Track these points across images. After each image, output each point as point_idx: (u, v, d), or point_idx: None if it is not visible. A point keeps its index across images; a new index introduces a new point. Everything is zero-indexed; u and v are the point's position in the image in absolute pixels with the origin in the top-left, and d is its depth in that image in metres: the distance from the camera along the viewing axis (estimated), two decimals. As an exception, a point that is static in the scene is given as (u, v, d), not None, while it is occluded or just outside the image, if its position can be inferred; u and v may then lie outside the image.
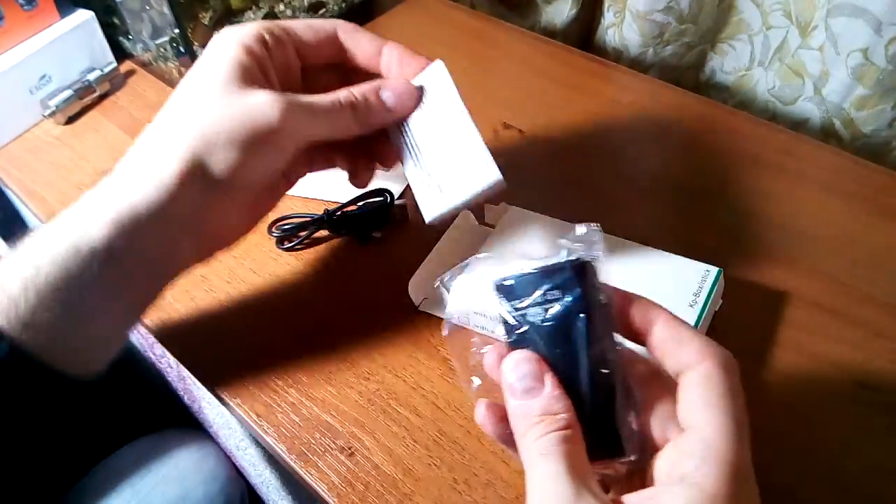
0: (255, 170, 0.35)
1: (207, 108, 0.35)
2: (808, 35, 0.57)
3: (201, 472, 0.65)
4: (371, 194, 0.49)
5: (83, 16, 0.63)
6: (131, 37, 0.65)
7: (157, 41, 0.61)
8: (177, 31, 0.57)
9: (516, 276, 0.28)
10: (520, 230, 0.45)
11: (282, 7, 0.63)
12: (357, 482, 0.37)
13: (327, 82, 0.40)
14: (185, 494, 0.63)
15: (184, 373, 0.69)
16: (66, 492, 0.62)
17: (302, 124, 0.36)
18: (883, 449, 0.37)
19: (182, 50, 0.58)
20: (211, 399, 0.56)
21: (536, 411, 0.26)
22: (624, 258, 0.42)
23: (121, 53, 0.67)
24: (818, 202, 0.50)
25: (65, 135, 0.61)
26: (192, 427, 0.73)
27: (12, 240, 0.84)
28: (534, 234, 0.45)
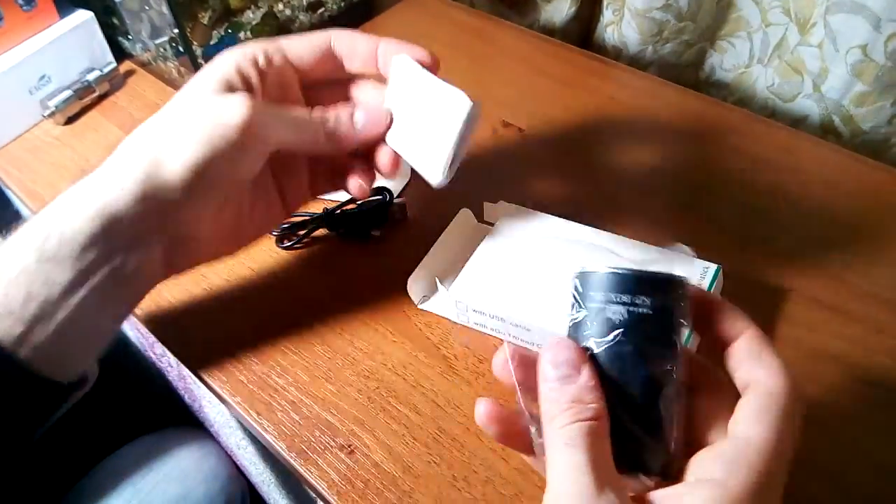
0: (216, 169, 0.34)
1: (177, 111, 0.35)
2: (807, 32, 0.57)
3: (202, 471, 0.65)
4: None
5: (82, 16, 0.63)
6: (131, 37, 0.65)
7: (157, 41, 0.61)
8: (176, 30, 0.57)
9: (607, 272, 0.26)
10: (519, 228, 0.45)
11: (280, 6, 0.63)
12: (357, 480, 0.37)
13: (330, 100, 0.40)
14: (186, 493, 0.63)
15: (184, 372, 0.69)
16: (66, 491, 0.62)
17: (269, 128, 0.36)
18: (883, 446, 0.37)
19: (181, 50, 0.58)
20: (211, 398, 0.56)
21: (567, 397, 0.26)
22: (623, 255, 0.42)
23: (120, 53, 0.67)
24: (817, 199, 0.50)
25: (64, 135, 0.62)
26: (193, 426, 0.74)
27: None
28: (533, 231, 0.45)
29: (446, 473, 0.37)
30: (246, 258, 0.48)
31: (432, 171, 0.39)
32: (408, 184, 0.52)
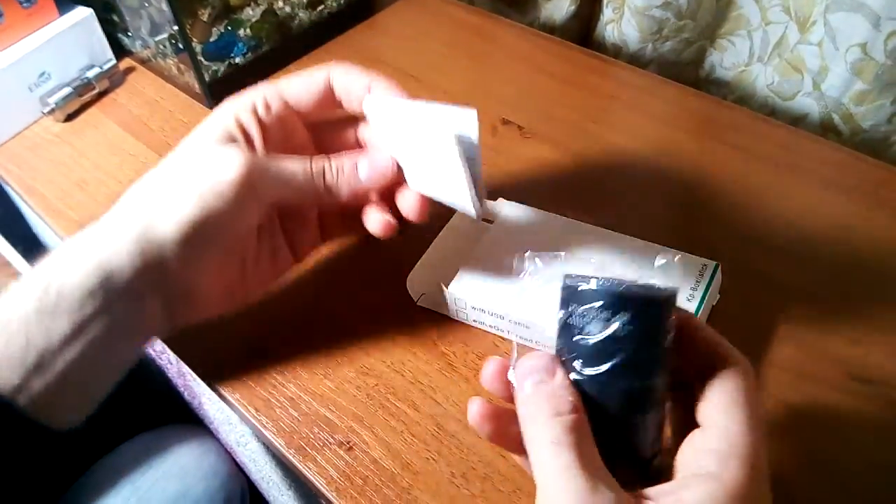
0: (211, 226, 0.33)
1: (174, 165, 0.35)
2: (806, 30, 0.57)
3: (201, 468, 0.65)
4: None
5: (82, 13, 0.63)
6: (130, 34, 0.65)
7: (157, 38, 0.61)
8: (176, 27, 0.57)
9: (593, 282, 0.26)
10: (518, 225, 0.45)
11: (280, 3, 0.63)
12: (356, 476, 0.37)
13: (339, 140, 0.39)
14: (186, 491, 0.63)
15: (183, 369, 0.70)
16: (65, 489, 0.62)
17: (265, 183, 0.35)
18: (880, 443, 0.37)
19: (181, 47, 0.58)
20: (211, 395, 0.56)
21: (544, 396, 0.26)
22: (622, 253, 0.42)
23: (120, 50, 0.67)
24: (817, 196, 0.50)
25: (64, 132, 0.62)
26: (192, 423, 0.74)
27: (12, 237, 0.84)
28: (532, 229, 0.45)
29: (444, 470, 0.37)
30: (245, 255, 0.48)
31: (464, 208, 0.38)
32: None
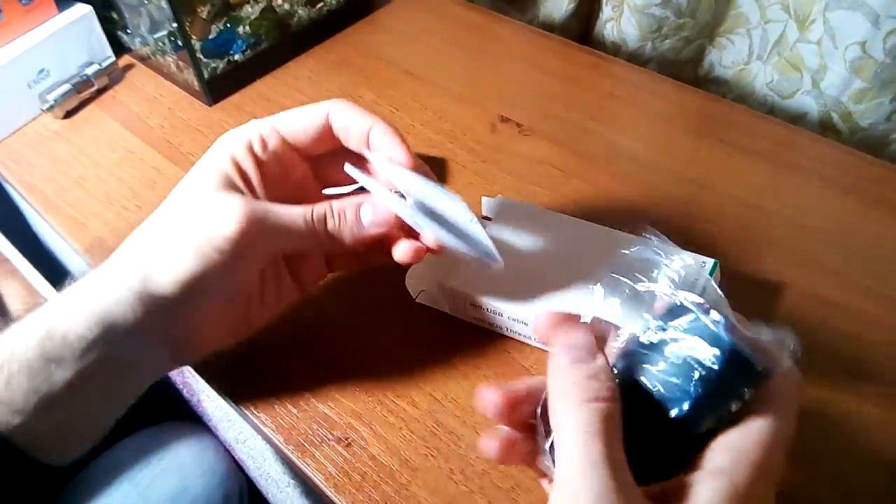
0: (213, 280, 0.33)
1: (172, 217, 0.34)
2: (806, 29, 0.57)
3: (200, 465, 0.65)
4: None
5: (81, 10, 0.63)
6: (129, 31, 0.65)
7: (156, 35, 0.61)
8: (175, 25, 0.57)
9: (714, 314, 0.25)
10: (517, 223, 0.45)
11: (279, 0, 0.63)
12: (354, 472, 0.37)
13: (340, 174, 0.38)
14: (185, 487, 0.63)
15: (183, 367, 0.70)
16: (64, 485, 0.62)
17: (265, 235, 0.34)
18: (878, 440, 0.37)
19: (180, 44, 0.58)
20: (209, 392, 0.56)
21: (584, 373, 0.25)
22: (619, 250, 0.42)
23: (119, 48, 0.67)
24: (815, 194, 0.50)
25: (63, 129, 0.62)
26: (191, 420, 0.74)
27: (11, 234, 0.84)
28: (531, 226, 0.45)
29: (443, 466, 0.37)
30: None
31: (486, 260, 0.37)
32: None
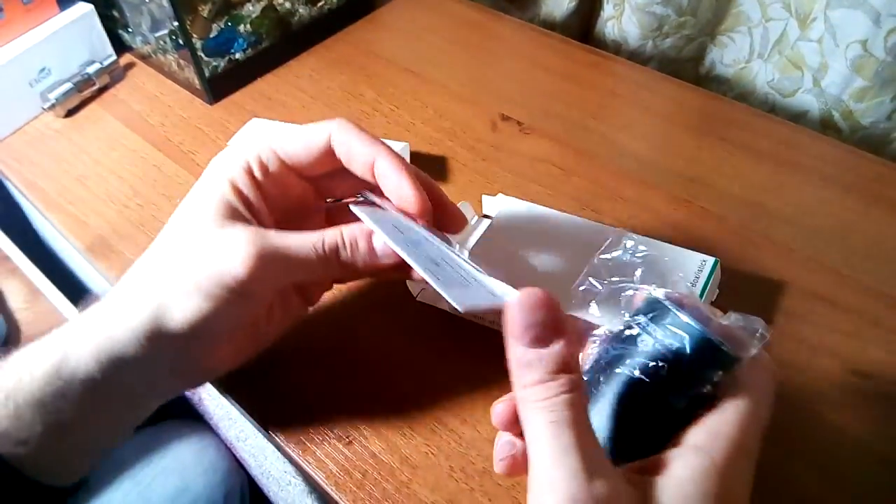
0: (224, 318, 0.33)
1: (180, 252, 0.33)
2: (807, 27, 0.57)
3: (201, 463, 0.65)
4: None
5: (82, 9, 0.63)
6: (131, 30, 0.65)
7: (157, 34, 0.61)
8: (176, 23, 0.57)
9: (682, 312, 0.27)
10: (517, 221, 0.45)
11: None
12: (355, 470, 0.37)
13: (345, 184, 0.37)
14: (186, 486, 0.63)
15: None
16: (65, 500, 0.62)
17: (276, 273, 0.33)
18: (877, 436, 0.37)
19: (181, 43, 0.58)
20: (211, 391, 0.56)
21: (548, 367, 0.25)
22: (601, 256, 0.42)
23: (120, 46, 0.67)
24: (815, 192, 0.50)
25: (65, 128, 0.62)
26: (192, 419, 0.74)
27: (12, 233, 0.84)
28: (532, 225, 0.45)
29: (444, 464, 0.37)
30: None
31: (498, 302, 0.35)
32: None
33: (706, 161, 0.53)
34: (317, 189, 0.38)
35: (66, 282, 0.81)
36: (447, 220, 0.37)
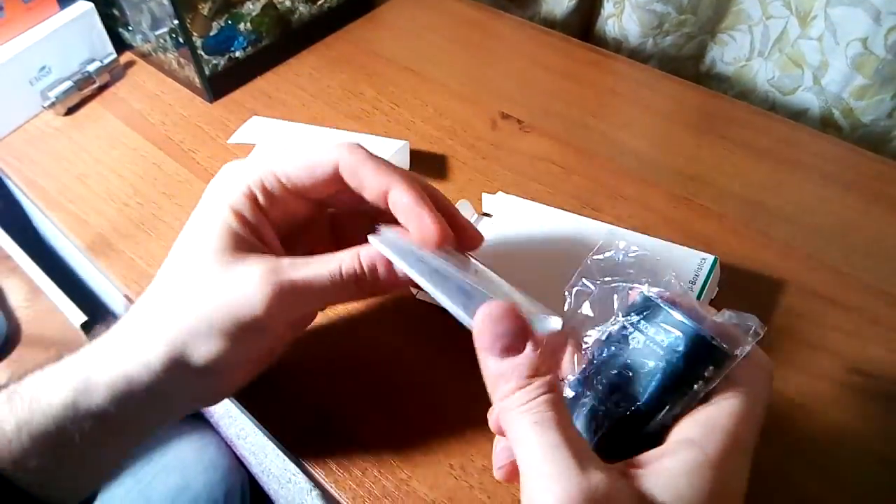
0: (242, 354, 0.33)
1: (195, 289, 0.33)
2: (807, 25, 0.57)
3: (202, 461, 0.65)
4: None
5: (83, 7, 0.63)
6: (131, 28, 0.65)
7: (157, 32, 0.61)
8: (176, 21, 0.57)
9: (670, 307, 0.27)
10: (517, 219, 0.46)
11: (281, -2, 0.63)
12: (354, 468, 0.37)
13: (349, 198, 0.36)
14: (186, 483, 0.63)
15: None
16: None
17: (294, 307, 0.33)
18: (876, 436, 0.37)
19: (181, 41, 0.58)
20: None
21: (521, 373, 0.25)
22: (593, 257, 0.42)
23: (120, 44, 0.67)
24: (816, 190, 0.50)
25: (65, 126, 0.62)
26: (193, 417, 0.74)
27: (13, 231, 0.84)
28: (531, 223, 0.45)
29: (443, 461, 0.37)
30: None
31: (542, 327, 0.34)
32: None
33: (706, 159, 0.53)
34: (320, 203, 0.37)
35: (67, 280, 0.81)
36: (465, 239, 0.36)
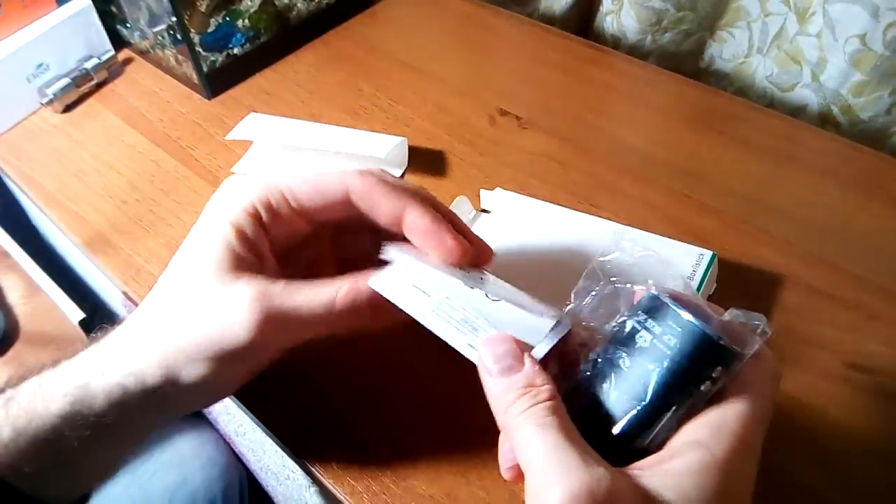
0: (233, 374, 0.33)
1: (186, 310, 0.32)
2: (806, 21, 0.57)
3: (200, 457, 0.65)
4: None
5: (80, 4, 0.63)
6: (129, 25, 0.65)
7: (155, 29, 0.61)
8: (174, 18, 0.57)
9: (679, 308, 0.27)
10: (515, 216, 0.46)
11: (279, -6, 0.63)
12: (353, 464, 0.37)
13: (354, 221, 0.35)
14: (185, 480, 0.63)
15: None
16: None
17: (281, 336, 0.32)
18: (874, 431, 0.37)
19: (179, 38, 0.58)
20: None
21: (520, 383, 0.26)
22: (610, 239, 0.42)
23: (118, 41, 0.67)
24: (813, 186, 0.50)
25: (63, 123, 0.62)
26: (192, 414, 0.74)
27: (11, 228, 0.83)
28: (530, 219, 0.45)
29: (443, 458, 0.37)
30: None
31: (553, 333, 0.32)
32: (405, 172, 0.53)
33: (705, 155, 0.53)
34: (324, 224, 0.36)
35: (65, 277, 0.81)
36: (477, 255, 0.35)
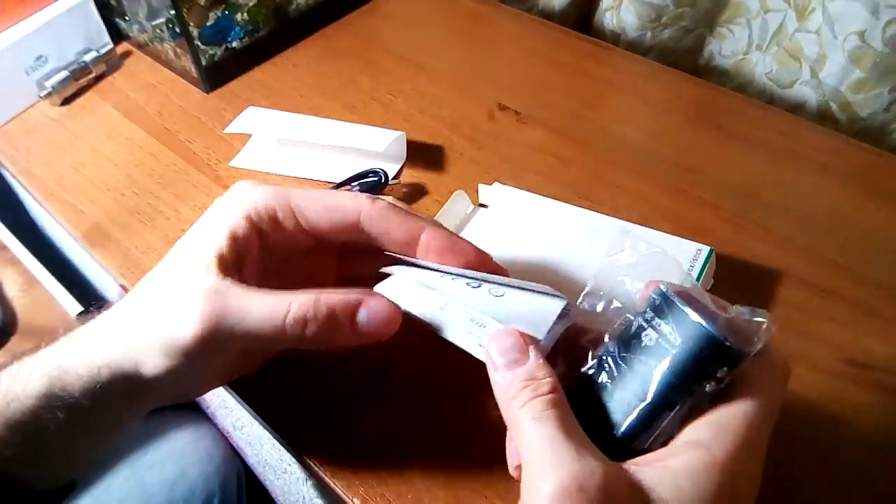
0: (191, 371, 0.32)
1: (157, 303, 0.32)
2: (805, 18, 0.57)
3: (198, 451, 0.65)
4: (365, 174, 0.49)
5: (79, -4, 0.63)
6: (127, 18, 0.65)
7: (154, 22, 0.61)
8: (173, 12, 0.57)
9: (686, 304, 0.26)
10: (514, 210, 0.46)
11: (278, -12, 0.63)
12: (351, 456, 0.37)
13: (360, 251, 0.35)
14: (182, 474, 0.63)
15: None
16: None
17: (228, 342, 0.31)
18: (873, 426, 0.37)
19: (178, 31, 0.58)
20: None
21: (522, 377, 0.26)
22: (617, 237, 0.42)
23: (117, 35, 0.67)
24: (812, 182, 0.50)
25: (61, 116, 0.62)
26: (189, 407, 0.74)
27: (9, 221, 0.83)
28: (528, 214, 0.45)
29: (439, 451, 0.37)
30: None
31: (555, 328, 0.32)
32: (403, 166, 0.53)
33: (703, 151, 0.53)
34: (328, 242, 0.36)
35: (63, 270, 0.81)
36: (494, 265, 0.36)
